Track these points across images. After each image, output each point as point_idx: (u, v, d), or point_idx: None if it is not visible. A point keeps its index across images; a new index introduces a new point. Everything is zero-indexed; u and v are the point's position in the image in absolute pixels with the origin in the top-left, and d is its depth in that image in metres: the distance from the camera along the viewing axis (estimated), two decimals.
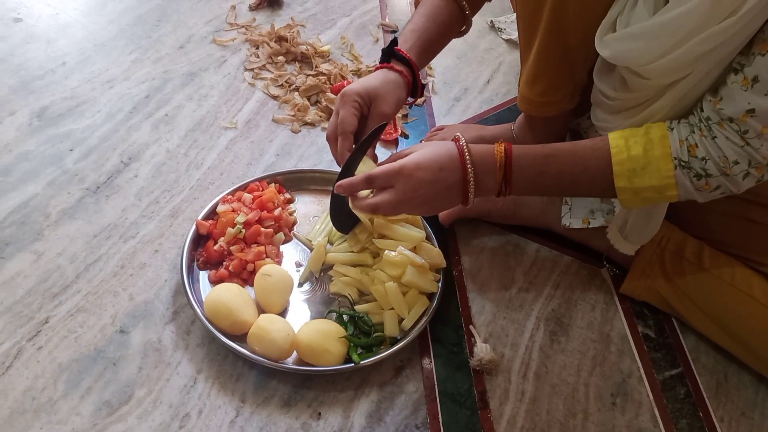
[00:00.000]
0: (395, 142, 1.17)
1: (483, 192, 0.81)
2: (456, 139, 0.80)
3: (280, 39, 1.33)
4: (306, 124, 1.18)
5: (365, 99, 0.87)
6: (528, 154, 0.80)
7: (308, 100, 1.23)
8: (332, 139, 0.88)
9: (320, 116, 1.20)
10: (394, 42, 0.92)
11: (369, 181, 0.80)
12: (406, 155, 0.81)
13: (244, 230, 0.91)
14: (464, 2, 0.95)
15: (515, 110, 1.04)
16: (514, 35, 1.43)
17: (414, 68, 0.92)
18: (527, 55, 0.93)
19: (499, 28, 1.48)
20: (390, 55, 0.92)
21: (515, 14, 0.92)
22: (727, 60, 0.71)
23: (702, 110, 0.74)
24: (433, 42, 0.97)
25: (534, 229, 1.03)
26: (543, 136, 1.04)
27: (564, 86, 0.95)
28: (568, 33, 0.86)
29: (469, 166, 0.79)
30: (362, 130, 0.88)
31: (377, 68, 0.92)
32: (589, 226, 0.98)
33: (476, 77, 1.35)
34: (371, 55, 1.37)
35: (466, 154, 0.79)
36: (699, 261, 0.89)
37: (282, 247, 0.95)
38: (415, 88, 0.93)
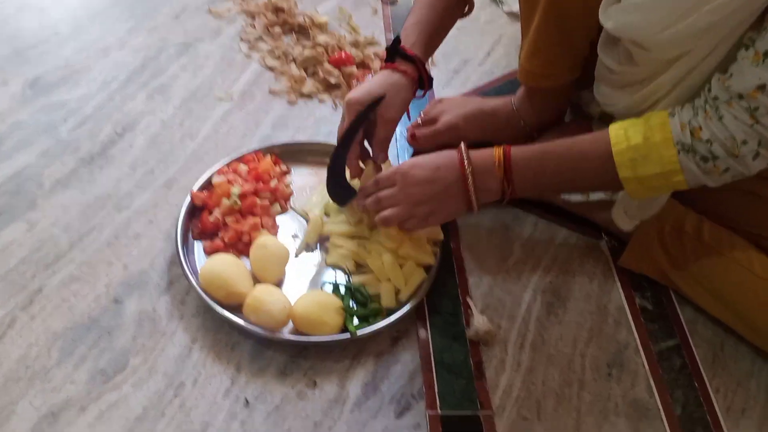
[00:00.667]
0: None
1: (485, 193, 0.82)
2: (457, 146, 0.83)
3: (277, 10, 1.31)
4: (303, 95, 1.17)
5: (369, 104, 0.88)
6: (526, 152, 0.82)
7: (305, 71, 1.21)
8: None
9: (317, 88, 1.18)
10: (398, 40, 0.92)
11: (376, 184, 0.85)
12: None
13: (239, 201, 0.90)
14: None
15: (516, 83, 1.02)
16: (515, 7, 1.41)
17: (419, 64, 0.92)
18: (528, 28, 0.92)
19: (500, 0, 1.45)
20: (394, 53, 0.92)
21: None
22: (734, 34, 0.70)
23: (710, 90, 0.73)
24: (437, 31, 0.97)
25: (532, 202, 1.02)
26: (543, 109, 1.03)
27: (565, 58, 0.94)
28: (568, 5, 0.85)
29: (466, 164, 0.81)
30: (370, 135, 0.92)
31: (383, 68, 0.92)
32: (589, 200, 0.97)
33: (476, 49, 1.34)
34: (369, 26, 1.35)
35: (464, 153, 0.81)
36: (698, 235, 0.89)
37: (278, 219, 0.94)
38: (423, 82, 0.93)
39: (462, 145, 0.82)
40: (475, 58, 1.31)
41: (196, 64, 1.19)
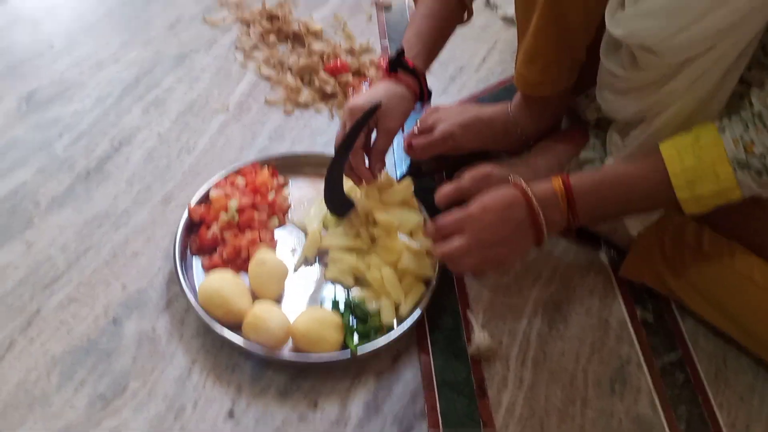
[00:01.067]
0: None
1: (553, 226, 0.79)
2: (514, 183, 0.80)
3: (272, 17, 1.30)
4: (299, 105, 1.16)
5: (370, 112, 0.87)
6: (585, 182, 0.80)
7: (301, 80, 1.20)
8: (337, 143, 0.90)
9: (314, 97, 1.18)
10: (401, 52, 0.92)
11: (440, 230, 0.80)
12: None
13: (237, 216, 0.90)
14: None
15: (512, 89, 1.02)
16: (510, 12, 1.40)
17: (420, 77, 0.92)
18: (524, 34, 0.91)
19: (494, 4, 1.44)
20: (397, 65, 0.92)
21: None
22: (746, 38, 0.69)
23: (751, 105, 0.72)
24: (438, 41, 0.97)
25: None
26: (541, 116, 1.02)
27: (562, 65, 0.93)
28: (567, 10, 0.84)
29: (534, 200, 0.78)
30: (369, 143, 0.91)
31: (384, 77, 0.92)
32: None
33: (472, 55, 1.33)
34: (365, 33, 1.34)
35: (528, 190, 0.79)
36: (699, 244, 0.88)
37: (276, 233, 0.93)
38: (422, 95, 0.94)
39: (522, 182, 0.80)
40: (471, 65, 1.31)
41: (191, 76, 1.18)
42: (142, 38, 1.25)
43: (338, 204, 0.91)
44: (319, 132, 1.12)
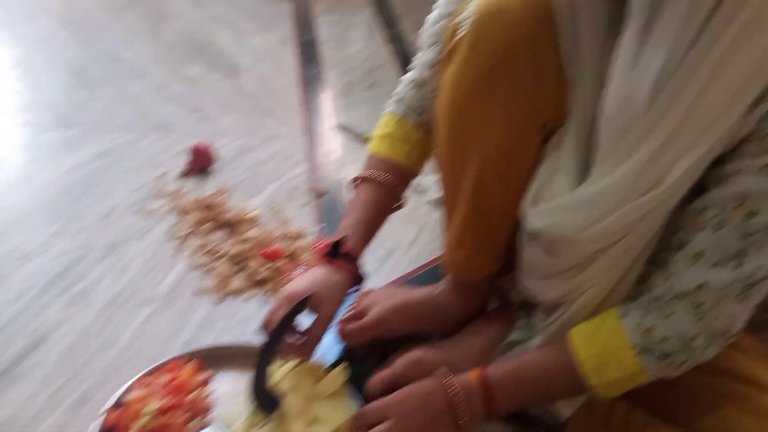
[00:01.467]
0: None
1: (474, 416, 0.81)
2: (436, 375, 0.84)
3: (207, 206, 1.34)
4: (231, 292, 1.16)
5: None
6: (502, 371, 0.83)
7: (234, 266, 1.21)
8: (267, 329, 0.89)
9: (245, 284, 1.18)
10: (340, 240, 0.95)
11: (359, 419, 0.84)
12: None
13: (153, 421, 0.85)
14: (396, 187, 1.00)
15: (441, 270, 1.04)
16: (436, 195, 1.47)
17: (354, 264, 0.96)
18: (451, 222, 0.96)
19: (422, 189, 1.52)
20: (336, 252, 0.95)
21: (438, 175, 0.96)
22: (654, 228, 0.74)
23: (651, 288, 0.75)
24: (373, 228, 1.02)
25: None
26: (468, 298, 1.04)
27: (487, 251, 0.96)
28: (489, 203, 0.89)
29: (451, 390, 0.81)
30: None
31: (321, 263, 0.95)
32: None
33: (402, 237, 1.37)
34: (299, 219, 1.38)
35: (447, 382, 0.82)
36: (626, 427, 0.87)
37: None
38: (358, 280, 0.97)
39: (443, 374, 0.83)
40: (401, 246, 1.35)
41: (121, 266, 1.18)
42: (74, 228, 1.25)
43: (264, 399, 0.88)
44: (250, 320, 1.10)
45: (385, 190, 1.00)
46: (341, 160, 1.58)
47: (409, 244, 1.36)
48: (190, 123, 1.65)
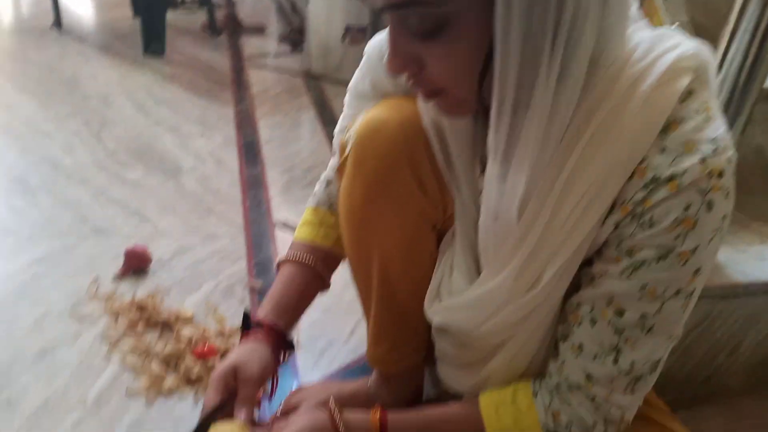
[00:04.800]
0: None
1: None
2: (326, 406, 0.85)
3: (141, 307, 1.34)
4: (162, 392, 1.14)
5: (229, 374, 0.89)
6: (403, 418, 0.85)
7: (168, 366, 1.20)
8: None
9: (179, 383, 1.17)
10: (246, 313, 0.97)
11: None
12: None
13: None
14: (318, 268, 1.02)
15: None
16: None
17: (272, 328, 0.96)
18: (368, 317, 0.99)
19: None
20: (246, 325, 0.96)
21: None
22: (546, 321, 0.79)
23: (550, 376, 0.79)
24: (292, 305, 1.01)
25: None
26: (399, 389, 1.05)
27: (406, 343, 0.99)
28: (399, 296, 0.93)
29: (340, 426, 0.82)
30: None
31: (241, 339, 0.96)
32: None
33: (341, 328, 1.39)
34: (236, 316, 1.38)
35: (337, 416, 0.83)
36: None
37: None
38: (285, 347, 0.97)
39: (333, 406, 0.84)
40: (340, 338, 1.36)
41: (50, 372, 1.16)
42: (4, 336, 1.23)
43: None
44: (181, 421, 1.09)
45: (305, 269, 1.02)
46: (279, 256, 1.60)
47: (348, 334, 1.37)
48: (130, 226, 1.66)
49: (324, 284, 1.06)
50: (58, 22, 3.19)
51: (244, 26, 3.68)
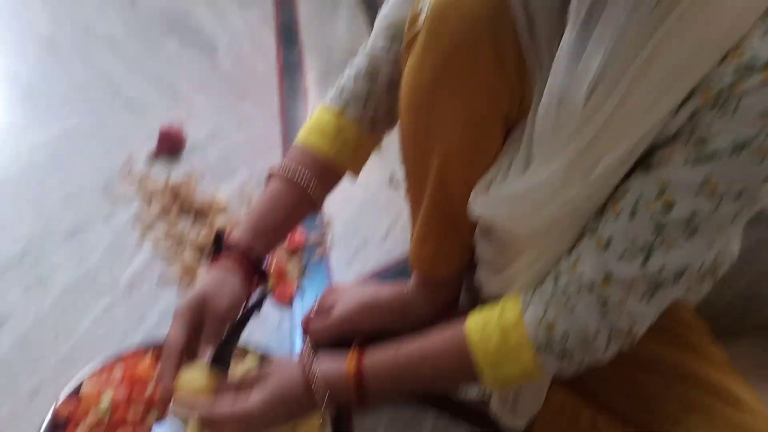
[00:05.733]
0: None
1: (339, 405, 0.80)
2: (300, 361, 0.78)
3: (175, 192, 1.30)
4: (194, 282, 1.13)
5: (196, 307, 0.81)
6: (381, 361, 0.79)
7: (201, 254, 1.18)
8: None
9: None
10: (219, 234, 0.88)
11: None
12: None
13: (109, 412, 0.83)
14: (312, 189, 0.92)
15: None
16: None
17: (246, 256, 0.86)
18: (416, 215, 0.93)
19: (397, 182, 1.49)
20: (218, 248, 0.87)
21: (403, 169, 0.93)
22: (580, 225, 0.72)
23: (557, 280, 0.72)
24: (272, 227, 0.91)
25: (430, 398, 0.98)
26: (436, 296, 1.02)
27: (453, 246, 0.94)
28: (453, 196, 0.86)
29: (313, 381, 0.77)
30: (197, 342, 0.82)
31: (209, 266, 0.87)
32: (484, 398, 0.95)
33: (376, 229, 1.35)
34: None
35: (310, 370, 0.77)
36: None
37: (156, 428, 0.86)
38: (261, 275, 0.88)
39: (308, 360, 0.78)
40: (374, 239, 1.32)
41: (82, 251, 1.14)
42: (35, 209, 1.21)
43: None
44: None
45: (296, 188, 0.91)
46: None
47: (384, 234, 1.34)
48: (163, 102, 1.60)
49: (314, 207, 0.95)
50: None
51: None
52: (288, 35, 2.07)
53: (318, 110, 0.95)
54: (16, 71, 1.59)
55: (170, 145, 1.41)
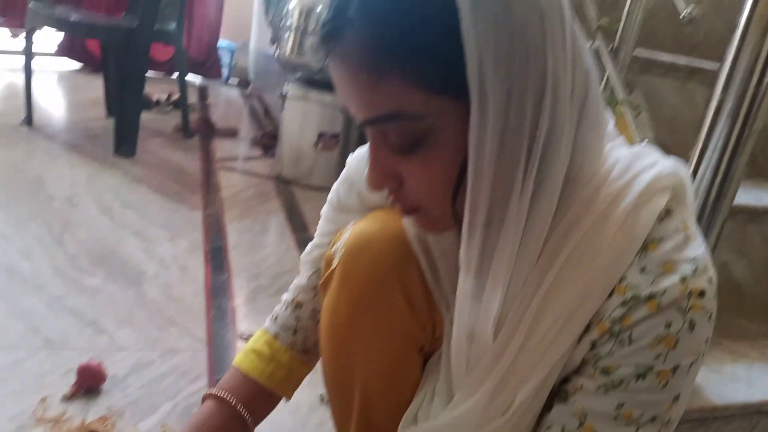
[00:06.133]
0: None
1: None
2: None
3: None
4: None
5: None
6: None
7: None
8: None
9: None
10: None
11: None
12: None
13: None
14: (245, 412, 0.93)
15: None
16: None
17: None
18: None
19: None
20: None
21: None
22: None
23: None
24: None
25: None
26: None
27: None
28: (379, 422, 0.87)
29: None
30: None
31: None
32: None
33: None
34: None
35: None
36: None
37: None
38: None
39: None
40: None
41: None
42: None
43: None
44: None
45: (228, 409, 0.93)
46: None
47: None
48: (84, 338, 1.57)
49: (246, 429, 0.96)
50: (29, 119, 3.16)
51: (216, 129, 3.71)
52: (217, 259, 2.13)
53: (258, 332, 0.99)
54: None
55: (89, 382, 1.36)
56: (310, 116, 2.95)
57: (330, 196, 0.93)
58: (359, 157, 0.89)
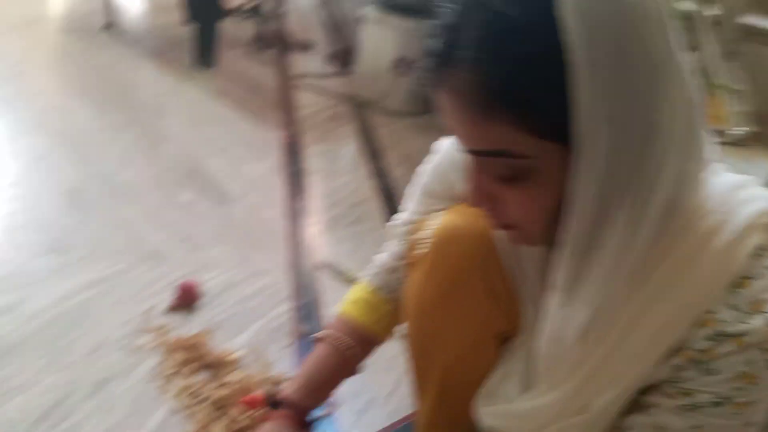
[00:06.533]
0: None
1: None
2: None
3: (191, 346, 1.38)
4: None
5: None
6: None
7: (216, 412, 1.24)
8: None
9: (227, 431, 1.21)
10: (275, 393, 1.01)
11: None
12: None
13: None
14: (355, 358, 1.05)
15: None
16: None
17: (298, 410, 1.00)
18: (420, 402, 1.02)
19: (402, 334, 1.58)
20: (273, 403, 1.00)
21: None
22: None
23: None
24: (320, 386, 1.04)
25: None
26: None
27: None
28: (455, 398, 0.96)
29: None
30: None
31: (266, 417, 1.01)
32: None
33: (380, 387, 1.41)
34: (282, 360, 1.42)
35: None
36: None
37: None
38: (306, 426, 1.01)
39: None
40: (380, 398, 1.38)
41: (106, 405, 1.20)
42: (62, 363, 1.28)
43: None
44: None
45: (341, 354, 1.04)
46: (322, 299, 1.64)
47: (387, 394, 1.40)
48: (180, 253, 1.70)
49: (354, 371, 1.08)
50: (109, 24, 3.21)
51: (291, 42, 3.71)
52: (296, 184, 2.22)
53: (359, 285, 1.08)
54: (45, 222, 1.71)
55: (187, 300, 1.50)
56: (388, 40, 2.94)
57: (421, 180, 0.99)
58: (448, 148, 0.94)
